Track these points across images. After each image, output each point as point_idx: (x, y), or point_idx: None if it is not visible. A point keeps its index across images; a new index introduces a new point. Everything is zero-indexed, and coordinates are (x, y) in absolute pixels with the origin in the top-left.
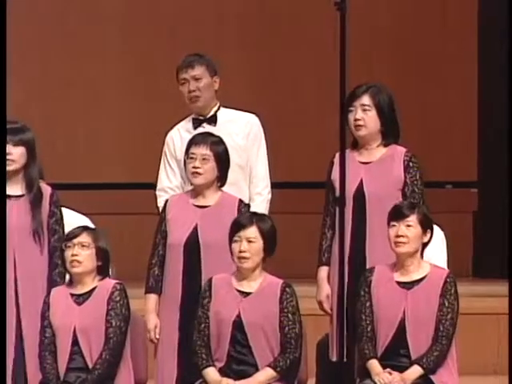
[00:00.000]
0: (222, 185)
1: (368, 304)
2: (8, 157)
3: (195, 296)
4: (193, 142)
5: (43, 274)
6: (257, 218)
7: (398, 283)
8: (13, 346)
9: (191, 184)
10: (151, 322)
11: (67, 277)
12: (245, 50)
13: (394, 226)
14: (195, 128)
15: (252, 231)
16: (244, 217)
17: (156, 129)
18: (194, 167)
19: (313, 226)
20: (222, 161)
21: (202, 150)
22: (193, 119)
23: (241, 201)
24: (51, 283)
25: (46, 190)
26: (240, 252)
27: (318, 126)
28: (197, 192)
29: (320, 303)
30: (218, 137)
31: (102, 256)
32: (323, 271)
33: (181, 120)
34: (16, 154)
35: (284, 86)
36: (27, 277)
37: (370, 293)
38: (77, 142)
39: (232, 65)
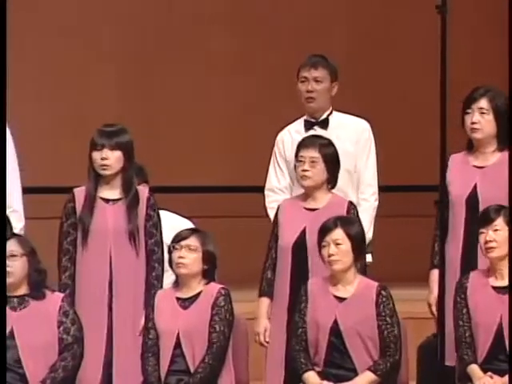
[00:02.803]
0: (333, 187)
1: (465, 310)
2: (105, 162)
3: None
4: (302, 145)
5: (138, 277)
6: (341, 220)
7: (494, 288)
8: (103, 347)
9: (302, 187)
10: (261, 325)
11: (166, 280)
12: (350, 51)
13: (482, 233)
14: (306, 130)
15: (338, 234)
16: (329, 221)
17: (260, 130)
18: (303, 170)
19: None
20: (332, 163)
21: (311, 153)
22: (305, 121)
23: (350, 203)
24: (149, 286)
25: (143, 193)
26: (329, 256)
27: (420, 129)
28: (307, 195)
29: (429, 305)
30: (328, 139)
31: (209, 260)
32: (434, 274)
33: (292, 121)
34: (113, 159)
35: (387, 89)
36: (122, 279)
37: (466, 299)
38: (181, 144)
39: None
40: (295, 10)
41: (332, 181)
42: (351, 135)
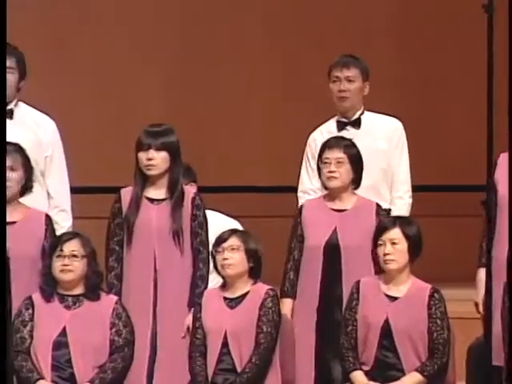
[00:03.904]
0: (357, 187)
1: None
2: (150, 162)
3: (335, 298)
4: (326, 146)
5: (183, 277)
6: (400, 220)
7: None
8: (148, 344)
9: (326, 188)
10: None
11: (212, 280)
12: (393, 51)
13: None
14: (339, 130)
15: (395, 233)
16: (387, 219)
17: (301, 130)
18: (329, 171)
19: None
20: (357, 163)
21: (337, 154)
22: (337, 121)
23: (378, 205)
24: (193, 286)
25: (189, 193)
26: (385, 255)
27: (466, 128)
28: (333, 196)
29: (476, 305)
30: (350, 140)
31: (253, 257)
32: (482, 273)
33: (324, 122)
34: (159, 159)
35: (431, 88)
36: (167, 279)
37: None
38: (228, 143)
39: (379, 66)
40: (337, 10)
41: (357, 181)
42: (384, 134)
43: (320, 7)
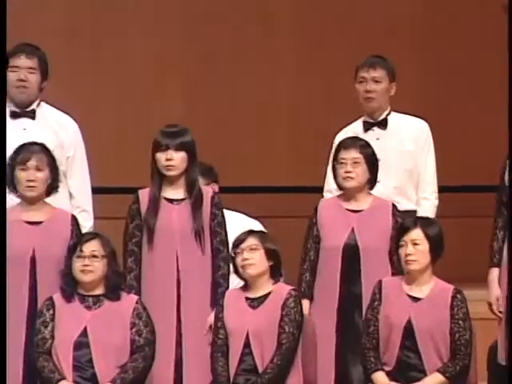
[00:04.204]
0: (372, 187)
1: None
2: (170, 162)
3: (354, 299)
4: (342, 147)
5: (205, 276)
6: (421, 220)
7: None
8: (173, 344)
9: (340, 188)
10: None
11: (232, 282)
12: (415, 51)
13: None
14: (365, 131)
15: (417, 234)
16: (408, 220)
17: (323, 130)
18: (346, 172)
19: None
20: (373, 163)
21: (353, 154)
22: (363, 122)
23: (394, 205)
24: (215, 285)
25: (207, 192)
26: (406, 255)
27: (489, 129)
28: (348, 196)
29: (489, 305)
30: (365, 140)
31: (273, 256)
32: (494, 273)
33: (349, 122)
34: (177, 160)
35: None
36: (189, 279)
37: None
38: (249, 144)
39: (402, 66)
40: (361, 10)
41: (372, 181)
42: (410, 135)
43: (343, 7)
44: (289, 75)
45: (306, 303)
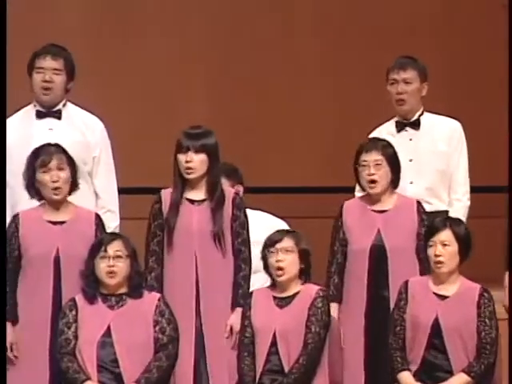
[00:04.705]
0: (396, 187)
1: None
2: (189, 164)
3: (382, 300)
4: (363, 149)
5: (225, 277)
6: (451, 221)
7: None
8: (192, 346)
9: (363, 190)
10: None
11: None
12: (438, 51)
13: None
14: (398, 131)
15: (446, 235)
16: (438, 221)
17: (357, 131)
18: (368, 174)
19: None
20: (394, 163)
21: (374, 156)
22: (396, 122)
23: (418, 202)
24: (236, 286)
25: (229, 193)
26: (435, 256)
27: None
28: (372, 196)
29: (505, 307)
30: (386, 140)
31: (305, 259)
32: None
33: (382, 123)
34: (197, 162)
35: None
36: (208, 280)
37: None
38: (274, 144)
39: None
40: (385, 10)
41: (395, 181)
42: (443, 135)
43: (371, 7)
44: (313, 75)
45: (334, 306)
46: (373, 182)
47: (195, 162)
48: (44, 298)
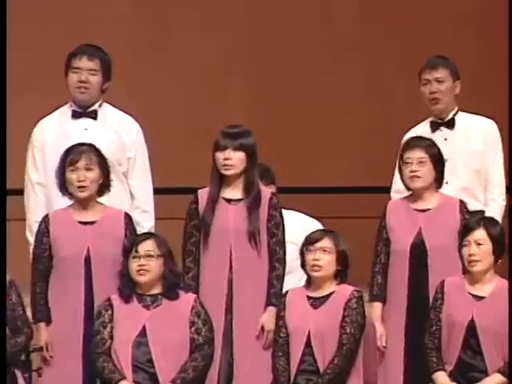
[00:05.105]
0: (439, 186)
1: None
2: (227, 162)
3: (423, 300)
4: (407, 147)
5: (259, 276)
6: (485, 220)
7: None
8: (220, 347)
9: (407, 189)
10: (378, 330)
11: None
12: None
13: None
14: (433, 131)
15: (480, 234)
16: (472, 220)
17: (391, 131)
18: (411, 171)
19: None
20: (438, 162)
21: (418, 154)
22: (430, 122)
23: (462, 202)
24: (270, 286)
25: (266, 193)
26: (470, 255)
27: None
28: (415, 196)
29: None
30: (430, 139)
31: (343, 261)
32: None
33: (419, 122)
34: (235, 159)
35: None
36: (243, 279)
37: None
38: (309, 144)
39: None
40: (425, 11)
41: (439, 180)
42: (479, 135)
43: (407, 8)
44: (353, 75)
45: (378, 306)
46: (416, 177)
47: (233, 159)
48: (75, 298)
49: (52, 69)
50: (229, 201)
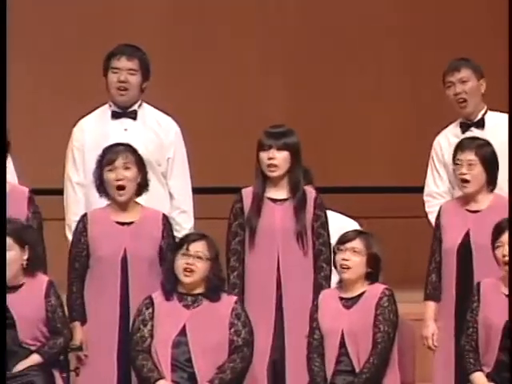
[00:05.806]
0: (493, 188)
1: None
2: (272, 161)
3: (467, 300)
4: (459, 148)
5: (307, 276)
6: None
7: None
8: (269, 346)
9: (462, 191)
10: (429, 329)
11: (333, 279)
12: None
13: None
14: (463, 132)
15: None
16: (503, 222)
17: (424, 132)
18: (461, 174)
19: None
20: (490, 164)
21: (468, 156)
22: (460, 123)
23: None
24: (317, 286)
25: (310, 193)
26: (503, 256)
27: None
28: (468, 196)
29: None
30: (485, 140)
31: (374, 263)
32: None
33: (448, 124)
34: (279, 159)
35: None
36: (291, 279)
37: None
38: (347, 145)
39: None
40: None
41: (492, 182)
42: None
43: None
44: (392, 75)
45: (431, 305)
46: (465, 181)
47: (278, 159)
48: (112, 298)
49: (90, 70)
50: (274, 201)
